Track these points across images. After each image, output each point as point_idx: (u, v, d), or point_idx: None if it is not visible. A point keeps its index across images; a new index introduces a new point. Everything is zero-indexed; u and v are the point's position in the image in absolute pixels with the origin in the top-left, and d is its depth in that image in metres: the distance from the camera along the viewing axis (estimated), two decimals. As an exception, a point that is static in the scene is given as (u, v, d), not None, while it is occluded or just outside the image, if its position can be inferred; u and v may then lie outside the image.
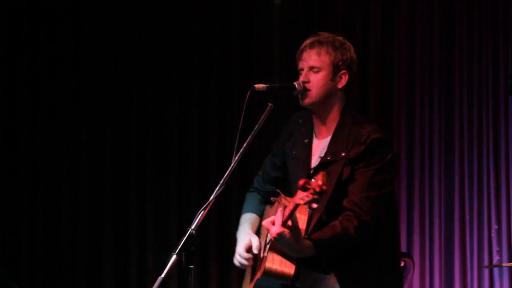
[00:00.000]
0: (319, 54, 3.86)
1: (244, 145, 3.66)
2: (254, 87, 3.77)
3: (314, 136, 3.93)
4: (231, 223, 6.51)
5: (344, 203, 3.70)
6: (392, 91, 6.47)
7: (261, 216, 4.09)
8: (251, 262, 3.92)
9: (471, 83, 6.34)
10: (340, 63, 3.85)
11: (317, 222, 3.71)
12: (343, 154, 3.76)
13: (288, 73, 6.56)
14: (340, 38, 3.92)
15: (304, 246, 3.61)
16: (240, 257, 3.92)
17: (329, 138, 3.85)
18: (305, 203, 3.40)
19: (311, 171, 3.82)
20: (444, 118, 6.37)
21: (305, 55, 3.89)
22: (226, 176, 3.57)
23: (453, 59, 6.39)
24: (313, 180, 3.37)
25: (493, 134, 6.25)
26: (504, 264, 5.98)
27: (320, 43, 3.88)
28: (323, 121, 3.89)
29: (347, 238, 3.64)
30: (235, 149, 3.69)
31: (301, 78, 3.87)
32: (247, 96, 3.72)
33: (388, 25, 6.51)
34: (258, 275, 3.76)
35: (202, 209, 3.45)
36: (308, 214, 3.68)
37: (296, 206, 3.47)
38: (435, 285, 6.25)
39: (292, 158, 3.96)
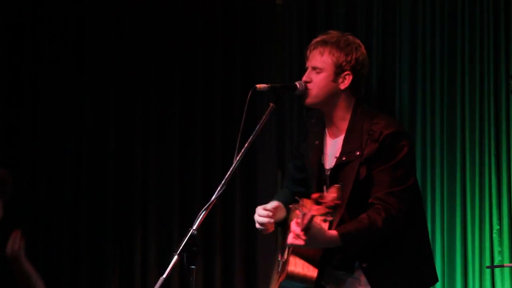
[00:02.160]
0: (321, 54, 3.83)
1: (246, 145, 3.66)
2: (256, 87, 3.77)
3: (327, 135, 3.91)
4: (234, 223, 6.52)
5: (370, 200, 3.70)
6: (394, 89, 6.46)
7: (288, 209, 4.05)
8: (269, 220, 3.88)
9: (473, 83, 6.32)
10: (344, 64, 3.81)
11: (339, 222, 3.71)
12: (358, 153, 3.75)
13: (290, 73, 6.59)
14: (349, 37, 3.88)
15: (330, 238, 3.62)
16: (257, 214, 3.90)
17: (342, 137, 3.84)
18: (320, 215, 3.45)
19: (327, 172, 3.83)
20: (446, 118, 6.36)
21: (310, 54, 3.88)
22: (228, 176, 3.57)
23: (455, 59, 6.37)
24: (326, 192, 3.42)
25: (494, 134, 6.24)
26: (506, 265, 5.97)
27: (325, 43, 3.84)
28: (332, 120, 3.88)
29: (374, 230, 3.65)
30: (236, 149, 3.69)
31: (303, 78, 3.86)
32: (249, 96, 3.71)
33: (390, 25, 6.50)
34: (282, 277, 3.77)
35: (203, 209, 3.45)
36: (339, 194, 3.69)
37: (312, 217, 3.47)
38: (436, 286, 6.24)
39: (308, 160, 3.97)
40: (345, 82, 3.83)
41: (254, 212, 4.06)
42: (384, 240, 3.72)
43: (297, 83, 3.86)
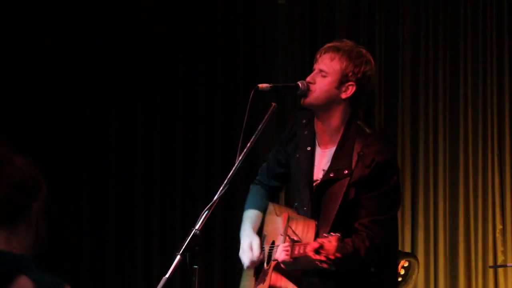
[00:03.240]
0: (331, 60, 3.82)
1: (248, 144, 3.66)
2: (258, 86, 3.76)
3: (316, 143, 3.91)
4: (236, 223, 6.50)
5: (355, 225, 3.71)
6: (397, 88, 6.47)
7: (264, 212, 4.09)
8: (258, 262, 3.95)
9: (476, 83, 6.33)
10: (350, 74, 3.80)
11: None
12: (346, 172, 3.75)
13: (292, 73, 6.58)
14: (362, 50, 3.87)
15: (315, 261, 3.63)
16: (248, 258, 3.96)
17: (332, 150, 3.84)
18: (316, 261, 3.44)
19: (313, 184, 3.84)
20: (449, 118, 6.37)
21: (320, 57, 3.86)
22: (230, 176, 3.57)
23: (458, 58, 6.38)
24: (326, 240, 3.41)
25: (497, 134, 6.25)
26: (509, 265, 5.97)
27: (337, 49, 3.83)
28: (325, 128, 3.87)
29: (356, 258, 3.65)
30: (238, 149, 3.69)
31: (308, 78, 3.86)
32: (251, 96, 3.71)
33: (393, 26, 6.51)
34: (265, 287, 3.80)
35: (206, 209, 3.45)
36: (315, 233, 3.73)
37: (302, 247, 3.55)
38: (439, 286, 6.24)
39: (296, 162, 3.95)
40: (347, 92, 3.82)
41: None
42: (364, 267, 3.75)
43: (299, 83, 3.85)
